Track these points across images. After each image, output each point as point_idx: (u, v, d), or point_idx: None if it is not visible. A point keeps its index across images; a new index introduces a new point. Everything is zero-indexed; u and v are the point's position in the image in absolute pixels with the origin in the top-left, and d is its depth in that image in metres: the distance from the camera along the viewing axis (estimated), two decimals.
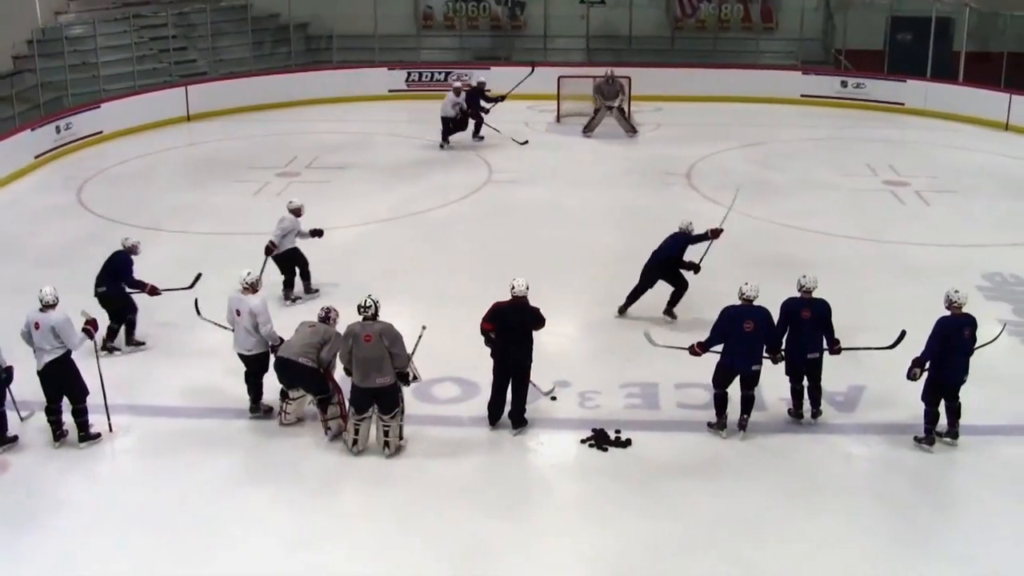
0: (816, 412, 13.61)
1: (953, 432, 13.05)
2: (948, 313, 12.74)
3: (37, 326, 12.80)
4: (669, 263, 16.47)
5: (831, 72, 33.47)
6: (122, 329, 15.62)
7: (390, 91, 34.13)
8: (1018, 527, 11.59)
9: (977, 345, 12.96)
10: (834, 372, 13.64)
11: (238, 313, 13.55)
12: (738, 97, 32.30)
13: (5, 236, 21.11)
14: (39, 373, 13.00)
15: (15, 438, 13.28)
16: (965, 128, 29.97)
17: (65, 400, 13.17)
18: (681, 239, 16.58)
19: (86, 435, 13.25)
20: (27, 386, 13.32)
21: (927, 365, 12.73)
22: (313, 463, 12.88)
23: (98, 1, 33.23)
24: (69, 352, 12.96)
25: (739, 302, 13.10)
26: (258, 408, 13.89)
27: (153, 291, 15.77)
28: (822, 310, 13.31)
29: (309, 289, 17.60)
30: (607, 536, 11.44)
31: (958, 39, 32.35)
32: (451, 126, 27.24)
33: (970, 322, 12.75)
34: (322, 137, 28.68)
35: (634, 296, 16.60)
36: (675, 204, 22.62)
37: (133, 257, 15.81)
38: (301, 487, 12.41)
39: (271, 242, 17.27)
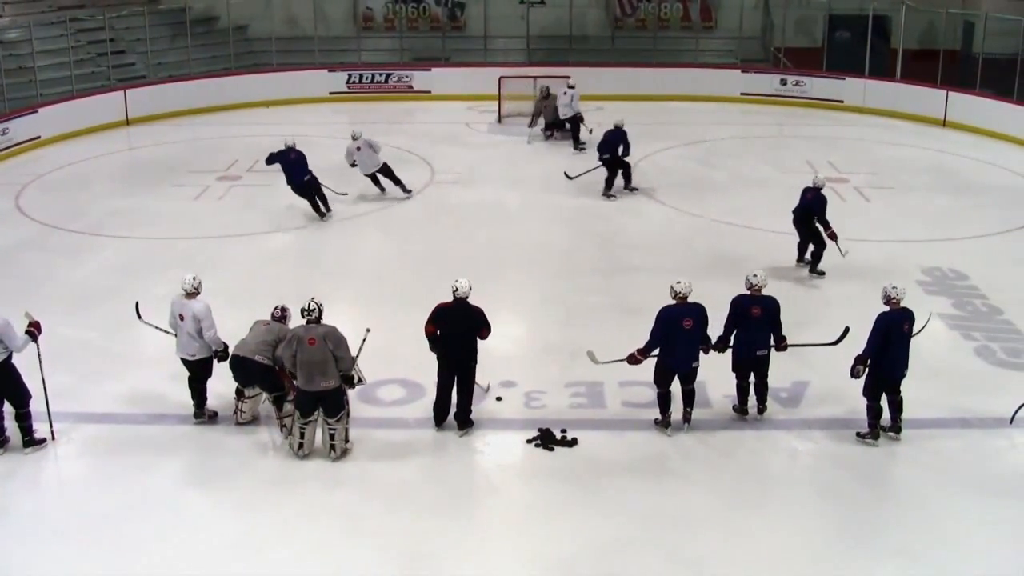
0: (762, 408, 13.69)
1: (896, 427, 13.17)
2: (887, 309, 12.86)
3: None
4: (808, 218, 18.01)
5: (770, 70, 33.74)
6: None
7: (331, 93, 34.02)
8: (961, 521, 11.70)
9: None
10: (778, 368, 13.71)
11: (181, 318, 13.43)
12: (678, 96, 32.49)
13: None
14: None
15: None
16: (903, 125, 30.30)
17: (7, 406, 13.04)
18: (821, 199, 18.18)
19: (31, 440, 13.12)
20: None
21: (868, 361, 12.86)
22: (261, 466, 12.83)
23: (34, 4, 32.89)
24: (11, 356, 12.82)
25: (672, 301, 13.14)
26: (202, 414, 13.80)
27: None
28: (772, 307, 13.39)
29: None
30: (553, 536, 11.46)
31: (895, 37, 32.69)
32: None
33: (909, 316, 12.87)
34: (263, 140, 28.41)
35: (802, 248, 18.55)
36: (618, 204, 22.74)
37: None
38: (246, 491, 12.34)
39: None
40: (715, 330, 13.30)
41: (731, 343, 13.42)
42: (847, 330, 13.80)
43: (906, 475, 12.74)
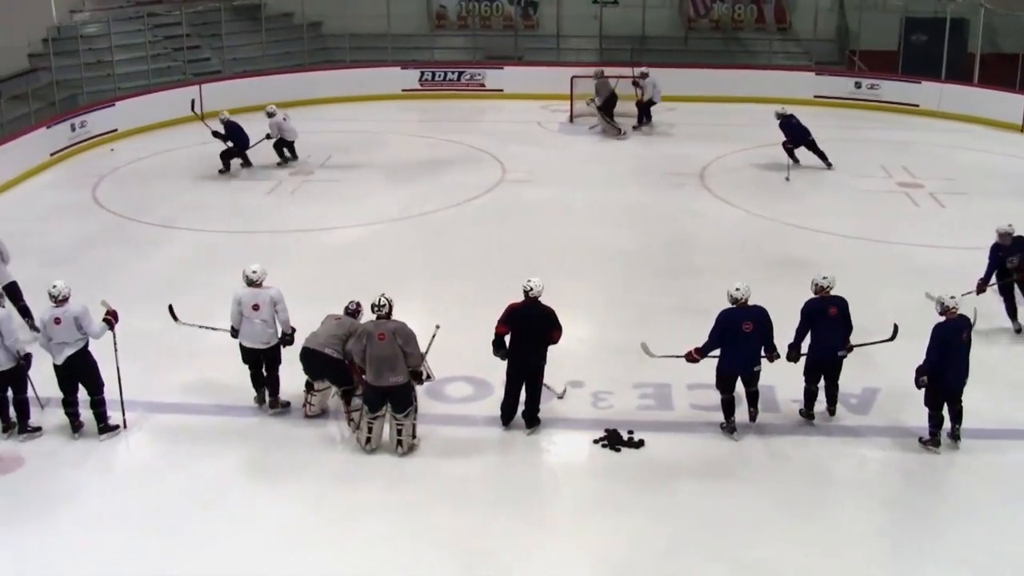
0: (832, 410, 13.64)
1: (955, 435, 13.07)
2: (943, 319, 12.73)
3: (58, 321, 12.90)
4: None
5: (845, 73, 33.39)
6: None
7: (403, 90, 34.12)
8: (1022, 532, 11.59)
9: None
10: (848, 374, 13.62)
11: (255, 308, 13.60)
12: (751, 98, 32.21)
13: (19, 233, 21.08)
14: (58, 367, 13.13)
15: (39, 429, 13.45)
16: (980, 130, 29.84)
17: (81, 393, 13.30)
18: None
19: (105, 426, 13.40)
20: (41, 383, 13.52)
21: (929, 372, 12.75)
22: (328, 459, 12.95)
23: (112, 0, 33.27)
24: (87, 344, 13.08)
25: (730, 305, 13.09)
26: (277, 402, 14.00)
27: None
28: (845, 306, 13.36)
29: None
30: (616, 537, 11.46)
31: (973, 40, 32.24)
32: None
33: (966, 324, 12.75)
34: (335, 136, 28.69)
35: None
36: (686, 205, 22.70)
37: None
38: (312, 483, 12.46)
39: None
40: (780, 334, 13.24)
41: (802, 350, 13.37)
42: (896, 328, 13.74)
43: (968, 485, 12.56)
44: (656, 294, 17.59)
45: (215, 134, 25.05)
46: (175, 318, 14.49)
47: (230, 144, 25.17)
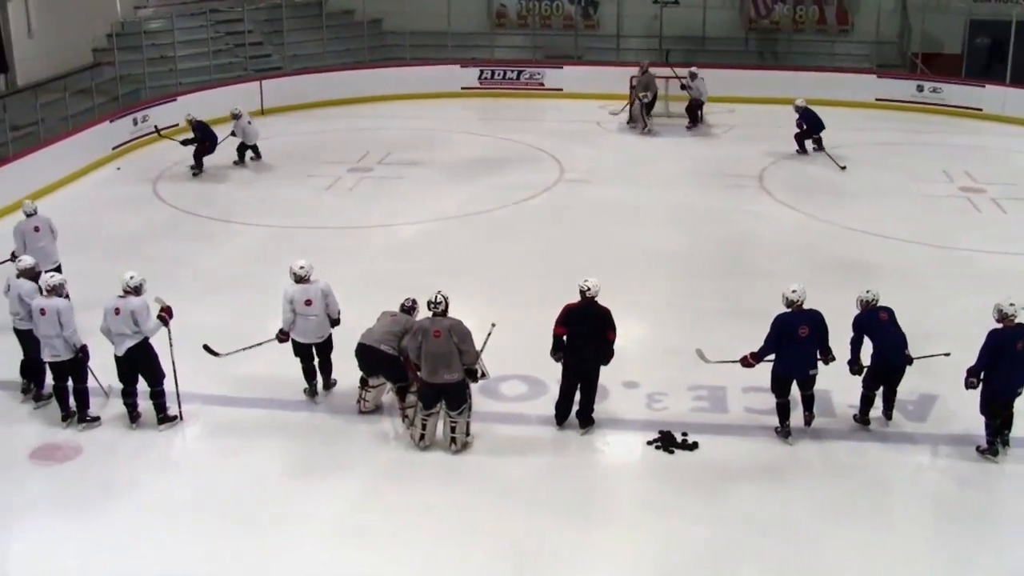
0: (889, 415, 13.55)
1: (1005, 441, 12.96)
2: (1000, 325, 12.61)
3: (117, 311, 13.07)
4: None
5: (907, 76, 33.02)
6: None
7: (462, 88, 34.15)
8: None
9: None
10: (906, 381, 13.49)
11: (308, 303, 13.73)
12: (812, 100, 31.90)
13: (81, 226, 21.35)
14: (118, 358, 13.30)
15: (98, 419, 13.64)
16: None
17: (141, 384, 13.50)
18: None
19: (164, 417, 13.57)
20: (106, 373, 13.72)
21: (982, 376, 12.63)
22: (381, 455, 13.02)
23: None
24: (147, 337, 13.20)
25: (786, 309, 13.03)
26: (331, 383, 14.32)
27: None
28: (893, 313, 13.27)
29: None
30: (668, 539, 11.44)
31: None
32: None
33: (1022, 334, 12.62)
34: (394, 133, 28.79)
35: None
36: (745, 206, 22.60)
37: None
38: (366, 479, 12.55)
39: None
40: (838, 339, 13.17)
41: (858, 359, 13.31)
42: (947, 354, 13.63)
43: (1022, 494, 12.47)
44: (713, 296, 17.52)
45: (184, 142, 25.20)
46: (215, 353, 14.43)
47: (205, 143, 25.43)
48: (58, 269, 15.96)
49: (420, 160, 26.22)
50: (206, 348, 14.26)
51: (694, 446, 13.08)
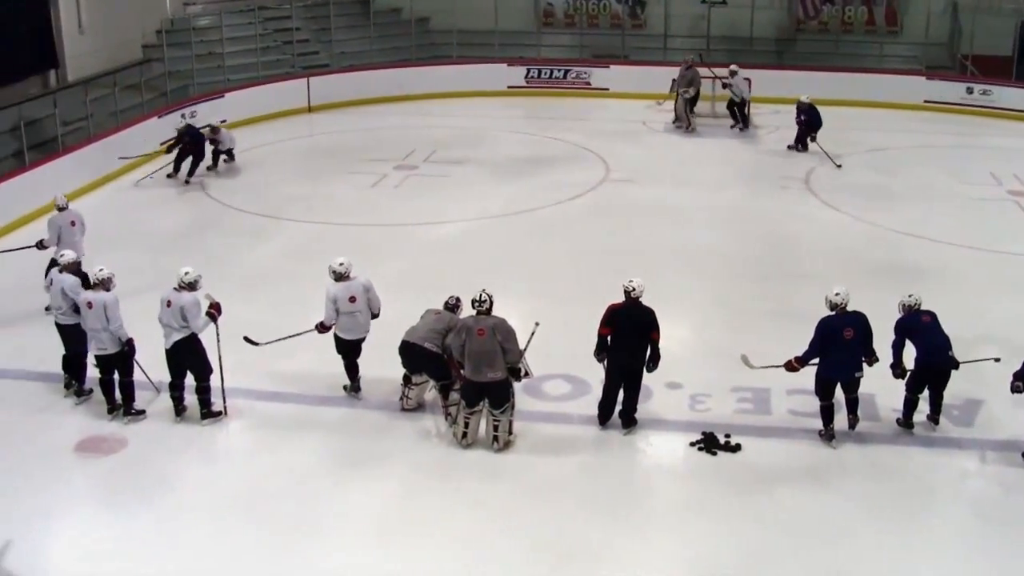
0: (935, 419, 13.46)
1: None
2: None
3: (168, 304, 13.20)
4: None
5: (956, 78, 32.73)
6: None
7: (509, 87, 34.16)
8: None
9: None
10: (951, 385, 13.41)
11: (352, 300, 13.81)
12: (859, 101, 31.79)
13: (129, 220, 21.59)
14: (166, 351, 13.43)
15: (143, 412, 13.78)
16: None
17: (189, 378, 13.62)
18: None
19: (208, 412, 13.67)
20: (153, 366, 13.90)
21: None
22: (423, 452, 13.06)
23: None
24: (195, 333, 13.33)
25: (829, 312, 12.97)
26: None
27: None
28: (936, 316, 13.22)
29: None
30: (710, 541, 11.42)
31: None
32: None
33: None
34: (440, 131, 28.85)
35: None
36: (791, 208, 22.51)
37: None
38: (407, 476, 12.57)
39: None
40: (883, 342, 13.11)
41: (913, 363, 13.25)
42: (997, 360, 13.60)
43: None
44: (757, 298, 17.47)
45: (170, 149, 24.85)
46: (255, 343, 14.44)
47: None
48: (80, 265, 16.06)
49: (466, 158, 26.27)
50: (246, 339, 14.31)
51: (737, 448, 13.05)
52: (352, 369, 14.28)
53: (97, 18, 27.84)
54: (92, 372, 14.10)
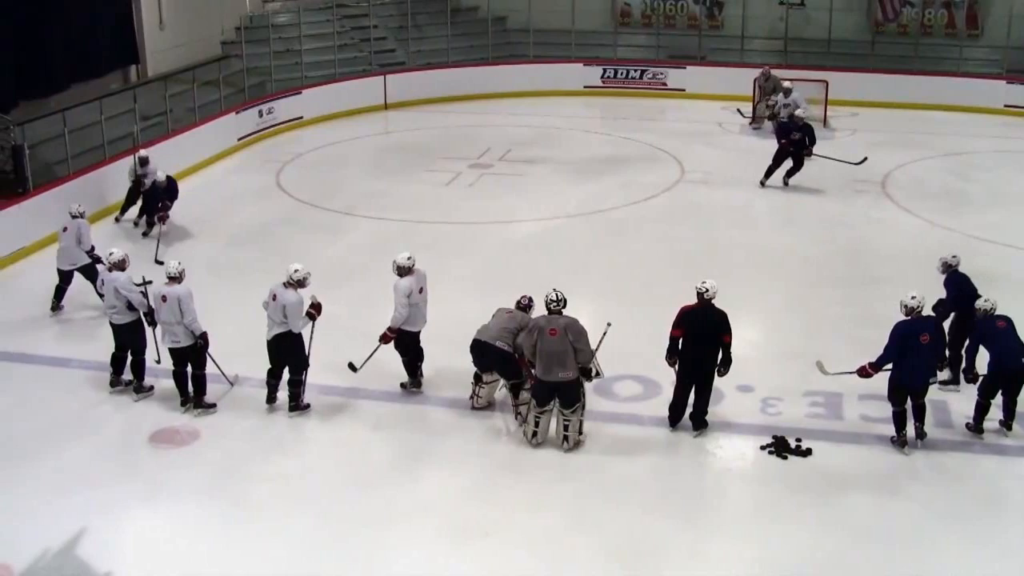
0: (1009, 424, 13.35)
1: None
2: None
3: (275, 298, 13.47)
4: None
5: None
6: None
7: (585, 87, 34.14)
8: None
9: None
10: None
11: (421, 291, 14.09)
12: (938, 105, 31.43)
13: (206, 214, 21.81)
14: (267, 342, 13.70)
15: (214, 406, 13.98)
16: None
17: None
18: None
19: (296, 405, 13.91)
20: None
21: None
22: (493, 451, 13.15)
23: None
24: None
25: (905, 317, 12.88)
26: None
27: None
28: (1011, 321, 13.17)
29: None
30: (778, 545, 11.39)
31: None
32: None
33: None
34: (515, 130, 28.91)
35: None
36: (867, 212, 22.35)
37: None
38: (477, 474, 12.67)
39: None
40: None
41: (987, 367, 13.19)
42: None
43: None
44: (832, 302, 17.36)
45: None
46: (355, 369, 14.51)
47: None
48: (71, 274, 16.52)
49: (540, 158, 26.31)
50: (350, 366, 14.44)
51: (808, 452, 13.00)
52: (414, 364, 14.43)
53: (177, 14, 28.21)
54: (151, 368, 14.35)
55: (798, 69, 30.02)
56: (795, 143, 23.52)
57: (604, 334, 13.26)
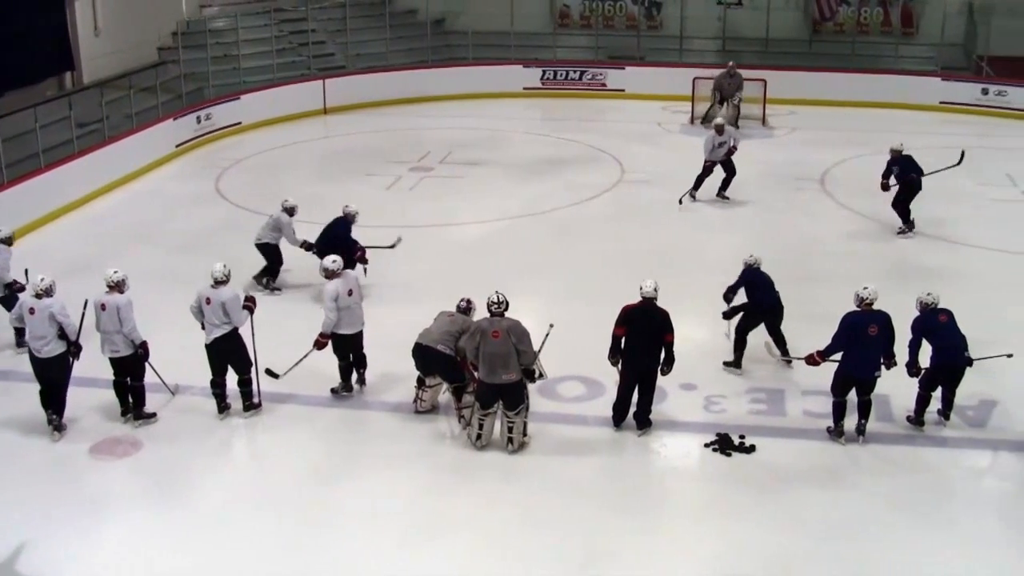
0: (947, 415, 13.54)
1: None
2: None
3: (208, 301, 13.32)
4: None
5: (972, 79, 32.63)
6: None
7: (525, 88, 34.20)
8: None
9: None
10: (966, 386, 13.45)
11: (350, 293, 14.03)
12: (875, 103, 31.76)
13: (146, 222, 21.64)
14: (207, 346, 13.55)
15: (154, 415, 13.81)
16: None
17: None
18: None
19: (250, 404, 13.89)
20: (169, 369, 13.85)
21: None
22: (438, 454, 13.09)
23: None
24: (237, 327, 13.48)
25: (857, 308, 13.00)
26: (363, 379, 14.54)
27: (362, 256, 17.30)
28: (952, 315, 13.30)
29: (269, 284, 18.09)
30: (725, 542, 11.44)
31: None
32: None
33: None
34: (456, 133, 28.89)
35: None
36: (807, 209, 22.48)
37: (353, 224, 17.74)
38: (423, 478, 12.61)
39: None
40: (901, 343, 13.12)
41: (929, 361, 13.29)
42: (1010, 356, 13.73)
43: None
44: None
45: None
46: (276, 376, 14.30)
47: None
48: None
49: (481, 160, 26.32)
50: (268, 372, 14.24)
51: (752, 449, 13.06)
52: (349, 369, 14.39)
53: (113, 20, 27.89)
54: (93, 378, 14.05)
55: (737, 68, 30.12)
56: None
57: (547, 335, 13.26)
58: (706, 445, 13.17)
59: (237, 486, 12.50)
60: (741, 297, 15.27)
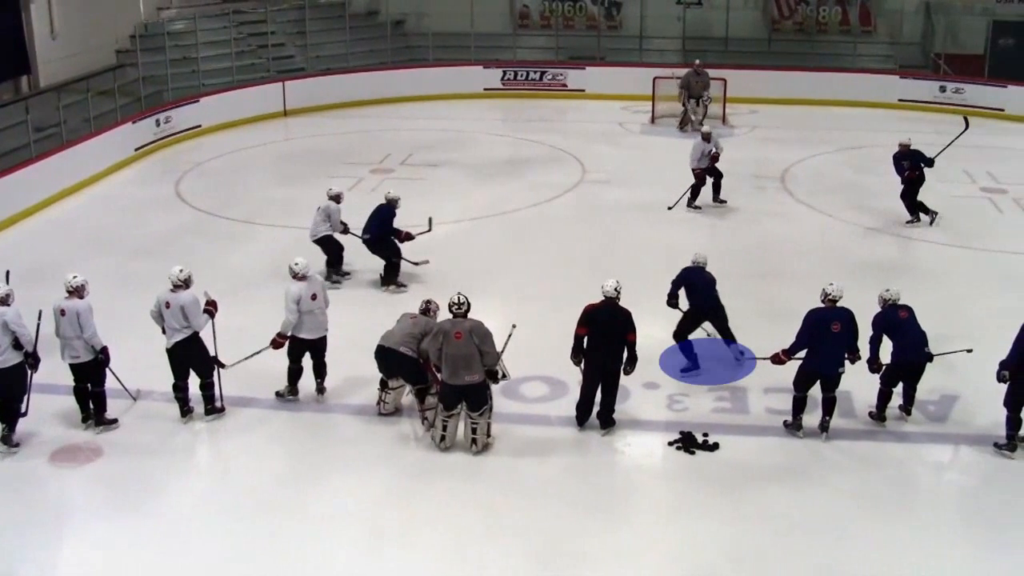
0: (908, 410, 13.63)
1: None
2: None
3: (168, 305, 13.24)
4: None
5: (930, 76, 32.91)
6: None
7: (485, 89, 34.22)
8: None
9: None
10: (927, 381, 13.55)
11: (314, 297, 13.97)
12: (834, 100, 31.95)
13: (105, 227, 21.50)
14: (168, 351, 13.46)
15: (115, 421, 13.68)
16: None
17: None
18: None
19: (212, 408, 13.80)
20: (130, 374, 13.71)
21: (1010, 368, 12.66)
22: (402, 457, 13.04)
23: None
24: (197, 331, 13.38)
25: (822, 304, 13.07)
26: (324, 388, 14.42)
27: (408, 237, 18.01)
28: (912, 311, 13.35)
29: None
30: (690, 539, 11.45)
31: None
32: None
33: None
34: (417, 134, 28.85)
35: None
36: (768, 207, 22.56)
37: (396, 210, 18.13)
38: (388, 480, 12.56)
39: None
40: (863, 339, 13.18)
41: (891, 357, 13.36)
42: (970, 351, 13.80)
43: None
44: (736, 297, 17.35)
45: None
46: (222, 365, 14.07)
47: None
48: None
49: (442, 161, 26.29)
50: (215, 360, 14.00)
51: (715, 447, 13.09)
52: (298, 374, 14.30)
53: (70, 23, 27.68)
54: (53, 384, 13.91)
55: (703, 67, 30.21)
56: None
57: (509, 336, 13.25)
58: (670, 443, 13.19)
59: (200, 491, 12.42)
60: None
